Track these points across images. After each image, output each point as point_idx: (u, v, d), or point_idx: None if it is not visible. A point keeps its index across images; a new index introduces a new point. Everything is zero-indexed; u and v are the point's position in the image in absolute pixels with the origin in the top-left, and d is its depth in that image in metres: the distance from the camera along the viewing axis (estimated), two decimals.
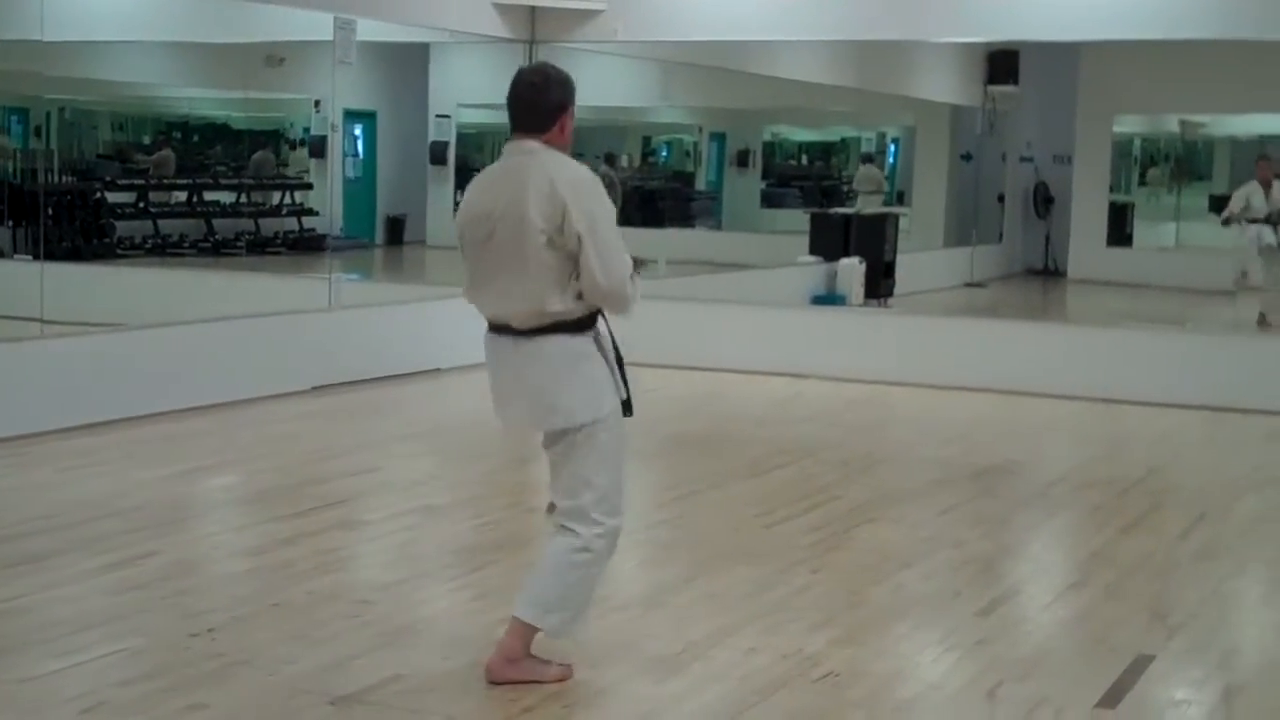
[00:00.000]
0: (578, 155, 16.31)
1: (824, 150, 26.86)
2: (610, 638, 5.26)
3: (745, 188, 23.73)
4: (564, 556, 4.76)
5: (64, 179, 17.35)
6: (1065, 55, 19.66)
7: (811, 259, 16.40)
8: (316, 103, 18.85)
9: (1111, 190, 21.49)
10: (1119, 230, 21.51)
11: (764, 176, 24.32)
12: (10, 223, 15.54)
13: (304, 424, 9.53)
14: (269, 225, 19.32)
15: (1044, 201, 21.17)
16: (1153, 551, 6.89)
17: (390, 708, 4.57)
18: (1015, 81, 18.99)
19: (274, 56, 18.62)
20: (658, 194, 23.63)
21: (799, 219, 19.16)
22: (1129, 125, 22.45)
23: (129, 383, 9.34)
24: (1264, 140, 23.79)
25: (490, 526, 7.05)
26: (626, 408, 5.03)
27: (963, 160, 20.97)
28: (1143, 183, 24.24)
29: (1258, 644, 5.78)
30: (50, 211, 15.12)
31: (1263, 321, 13.84)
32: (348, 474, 8.01)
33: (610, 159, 21.94)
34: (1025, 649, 5.45)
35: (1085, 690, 4.92)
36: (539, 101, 4.85)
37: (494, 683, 4.72)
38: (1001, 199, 21.28)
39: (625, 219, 19.30)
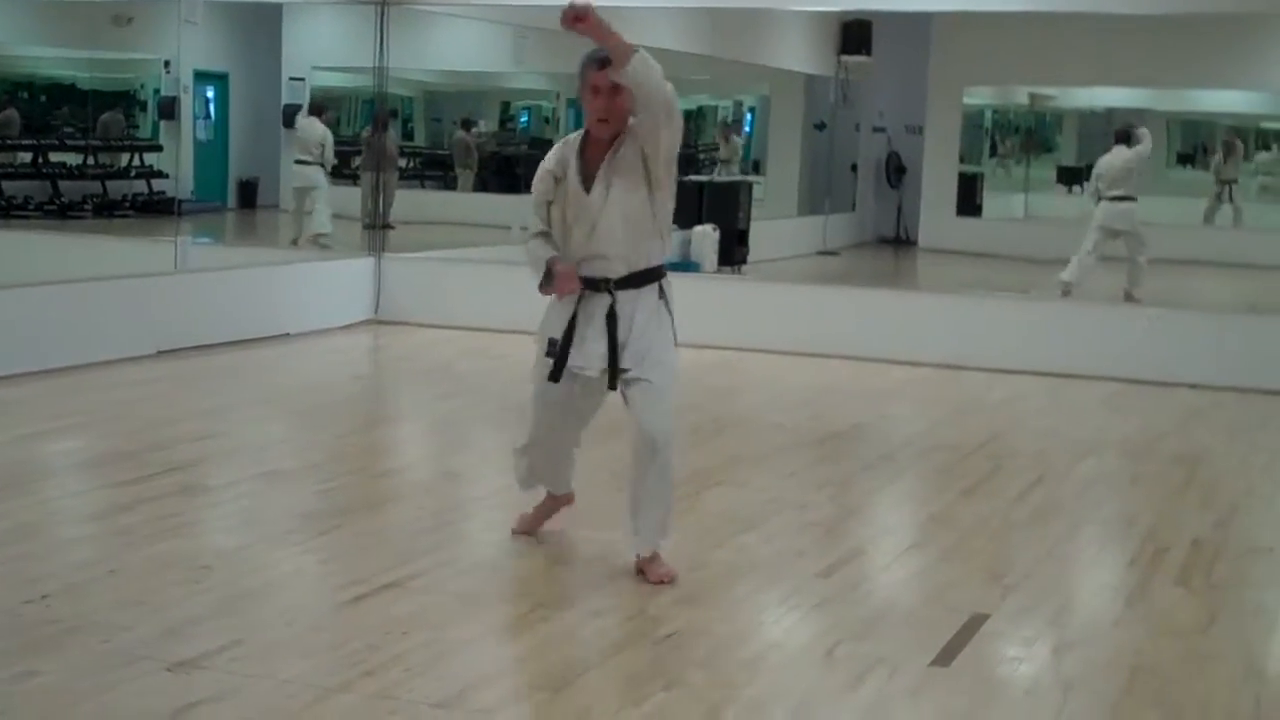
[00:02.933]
0: (435, 121, 16.24)
1: (683, 117, 26.88)
2: (455, 601, 5.27)
3: None
4: None
5: None
6: (917, 26, 19.90)
7: None
8: (166, 63, 18.53)
9: (962, 161, 21.82)
10: (969, 200, 21.86)
11: None
12: None
13: (148, 388, 9.39)
14: (117, 188, 18.99)
15: (896, 171, 21.44)
16: (991, 514, 7.04)
17: (228, 673, 4.53)
18: (868, 52, 19.19)
19: (121, 16, 18.27)
20: (515, 160, 23.53)
21: None
22: (979, 97, 22.80)
23: None
24: (1111, 113, 24.30)
25: (335, 491, 7.00)
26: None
27: (816, 129, 21.16)
28: (993, 154, 24.64)
29: (1087, 603, 5.93)
30: None
31: (1129, 298, 14.14)
32: (191, 439, 7.91)
33: (467, 124, 21.83)
34: (864, 609, 5.55)
35: (921, 649, 5.02)
36: None
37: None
38: (854, 168, 21.51)
39: (482, 185, 19.37)
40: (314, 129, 16.44)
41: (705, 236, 16.00)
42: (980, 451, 8.48)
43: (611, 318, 5.57)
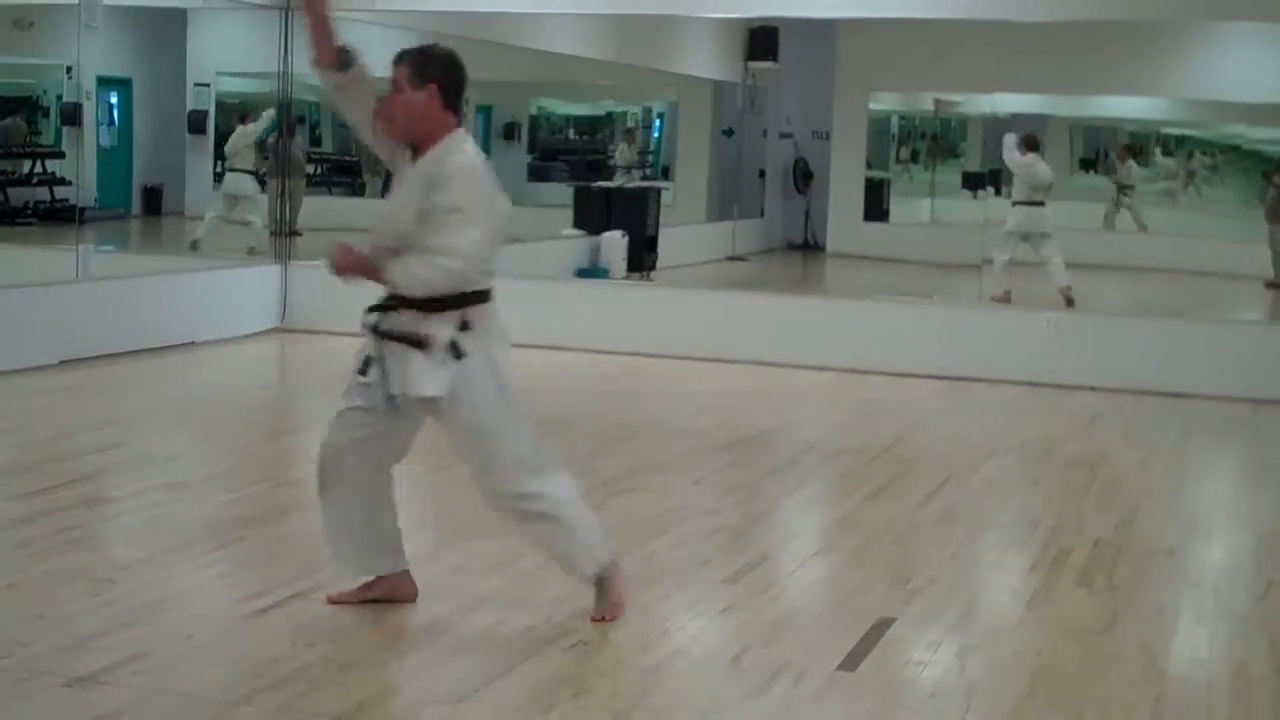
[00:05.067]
0: (342, 127, 16.08)
1: (590, 124, 26.93)
2: (355, 612, 5.23)
3: (512, 161, 23.66)
4: None
5: None
6: (823, 33, 19.99)
7: (575, 232, 16.46)
8: (68, 69, 18.27)
9: (869, 166, 21.94)
10: (876, 205, 21.97)
11: (530, 150, 24.29)
12: None
13: (48, 399, 9.26)
14: (19, 195, 18.68)
15: (803, 177, 21.52)
16: (896, 517, 7.09)
17: (129, 687, 4.47)
18: (775, 58, 19.26)
19: (22, 20, 18.00)
20: None
21: (565, 193, 19.19)
22: (886, 103, 22.95)
23: None
24: (1015, 118, 24.56)
25: (240, 502, 6.94)
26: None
27: (724, 135, 21.20)
28: (899, 159, 24.82)
29: (991, 606, 5.99)
30: None
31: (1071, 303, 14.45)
32: (92, 450, 7.81)
33: None
34: (770, 614, 5.57)
35: (827, 654, 5.05)
36: None
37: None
38: (763, 174, 21.58)
39: (386, 190, 19.02)
40: (245, 136, 16.35)
41: (614, 243, 16.02)
42: (885, 455, 8.54)
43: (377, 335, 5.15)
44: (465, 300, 5.02)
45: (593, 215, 16.62)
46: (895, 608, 5.61)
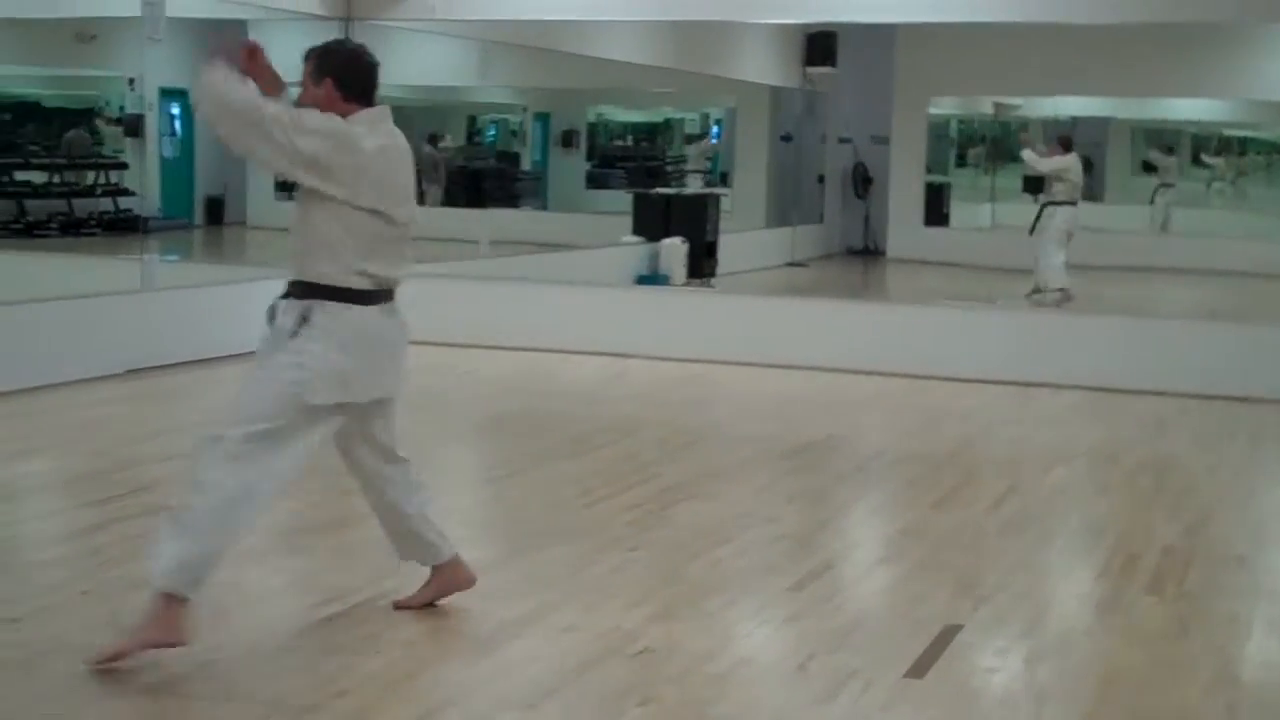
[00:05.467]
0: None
1: (648, 131, 26.96)
2: (425, 619, 5.25)
3: (570, 168, 23.75)
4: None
5: None
6: (882, 37, 19.95)
7: (635, 239, 16.48)
8: (131, 80, 18.44)
9: (929, 171, 21.87)
10: (936, 210, 21.92)
11: (589, 157, 24.36)
12: None
13: (116, 408, 9.34)
14: (83, 206, 18.89)
15: (863, 182, 21.47)
16: (963, 524, 7.05)
17: (199, 694, 4.51)
18: (833, 63, 19.22)
19: (85, 33, 18.18)
20: (483, 174, 23.55)
21: (624, 199, 19.22)
22: (945, 107, 22.88)
23: None
24: (1075, 121, 24.42)
25: (306, 510, 6.95)
26: None
27: (783, 141, 21.18)
28: (960, 164, 24.73)
29: (1060, 613, 5.94)
30: None
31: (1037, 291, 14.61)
32: (159, 458, 7.87)
33: (434, 139, 21.80)
34: (836, 622, 5.54)
35: (894, 661, 5.02)
36: None
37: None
38: (821, 179, 21.54)
39: (449, 199, 19.32)
40: None
41: (674, 249, 16.03)
42: (951, 462, 8.50)
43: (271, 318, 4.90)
44: (313, 292, 4.77)
45: (652, 222, 16.63)
46: (962, 615, 5.58)
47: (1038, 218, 15.22)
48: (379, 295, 4.85)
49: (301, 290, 4.77)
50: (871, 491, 8.02)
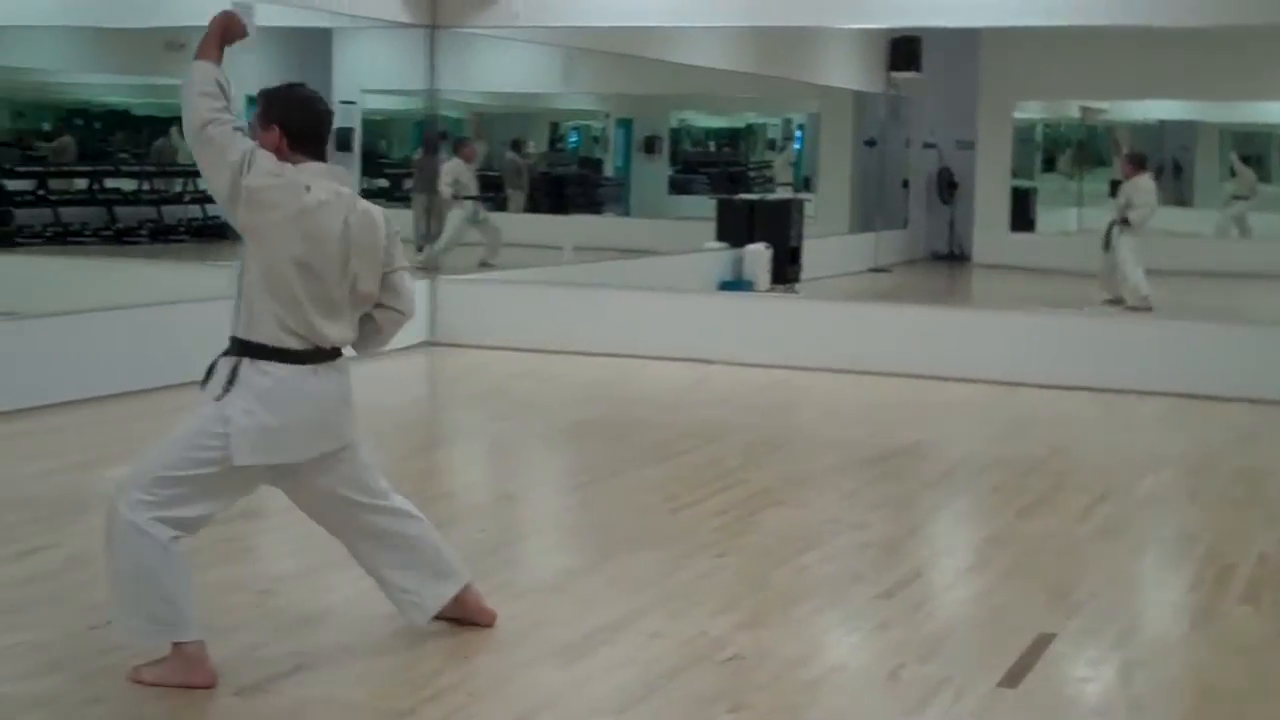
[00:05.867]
0: (478, 140, 16.16)
1: (731, 136, 26.95)
2: (514, 623, 5.26)
3: (653, 174, 23.78)
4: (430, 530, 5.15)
5: None
6: (967, 42, 19.84)
7: (718, 245, 16.47)
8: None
9: (1014, 175, 21.72)
10: (1022, 215, 21.77)
11: (671, 162, 24.40)
12: None
13: None
14: (172, 213, 19.11)
15: (947, 187, 21.35)
16: (1053, 532, 6.98)
17: (293, 697, 4.54)
18: (918, 68, 19.13)
19: (174, 41, 18.39)
20: (565, 180, 23.64)
21: (705, 205, 19.22)
22: (1030, 111, 22.72)
23: (24, 373, 9.19)
24: (1163, 125, 24.18)
25: None
26: None
27: (867, 146, 21.11)
28: (1046, 168, 24.54)
29: (1154, 622, 5.87)
30: None
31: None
32: None
33: (517, 145, 21.90)
34: (927, 630, 5.51)
35: (987, 670, 4.97)
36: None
37: None
38: (906, 184, 21.45)
39: (532, 205, 19.39)
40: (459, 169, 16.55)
41: (757, 255, 16.00)
42: (1039, 469, 8.42)
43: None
44: (245, 349, 4.65)
45: (736, 227, 16.61)
46: (1055, 624, 5.52)
47: (1108, 234, 15.13)
48: (312, 355, 4.67)
49: (235, 347, 4.66)
50: (959, 498, 7.96)
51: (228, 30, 4.77)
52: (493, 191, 21.44)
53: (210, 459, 4.61)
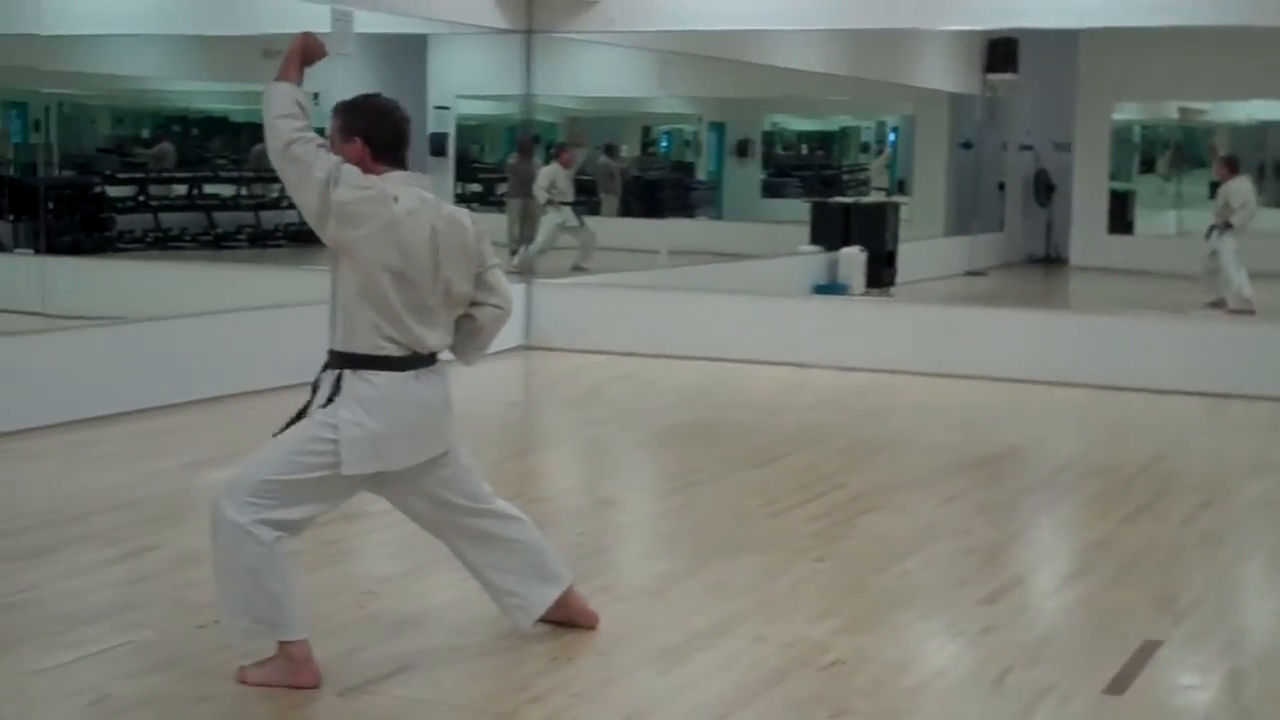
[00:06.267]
0: (577, 146, 16.15)
1: (824, 139, 26.83)
2: (614, 627, 5.26)
3: (745, 177, 23.71)
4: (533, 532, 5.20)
5: (64, 173, 17.34)
6: (1064, 43, 19.65)
7: (813, 248, 16.40)
8: (315, 95, 18.83)
9: (1112, 177, 21.48)
10: (1120, 217, 21.51)
11: (764, 166, 24.30)
12: (11, 217, 15.55)
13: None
14: (270, 218, 19.29)
15: (1045, 189, 21.15)
16: (1157, 538, 6.89)
17: (397, 698, 4.57)
18: (1014, 69, 18.96)
19: (271, 49, 18.58)
20: (658, 184, 23.62)
21: (799, 208, 19.14)
22: (1129, 112, 22.44)
23: (130, 376, 9.33)
24: (1265, 126, 23.80)
25: None
26: None
27: (962, 148, 20.95)
28: (1144, 170, 24.23)
29: (1262, 629, 5.78)
30: (50, 205, 15.11)
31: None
32: None
33: (610, 150, 21.92)
34: (1031, 636, 5.45)
35: (1092, 676, 4.92)
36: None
37: None
38: (1002, 187, 21.27)
39: (625, 209, 19.40)
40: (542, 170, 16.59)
41: (852, 258, 15.93)
42: (1142, 474, 8.31)
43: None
44: (345, 361, 4.69)
45: (830, 231, 16.54)
46: (1161, 631, 5.45)
47: (1209, 236, 14.96)
48: (412, 361, 4.71)
49: (336, 360, 4.70)
50: (1060, 504, 7.87)
51: (308, 51, 4.81)
52: (586, 196, 21.51)
53: (317, 464, 4.66)
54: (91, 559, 6.13)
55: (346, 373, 4.66)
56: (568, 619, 5.20)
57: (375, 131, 4.72)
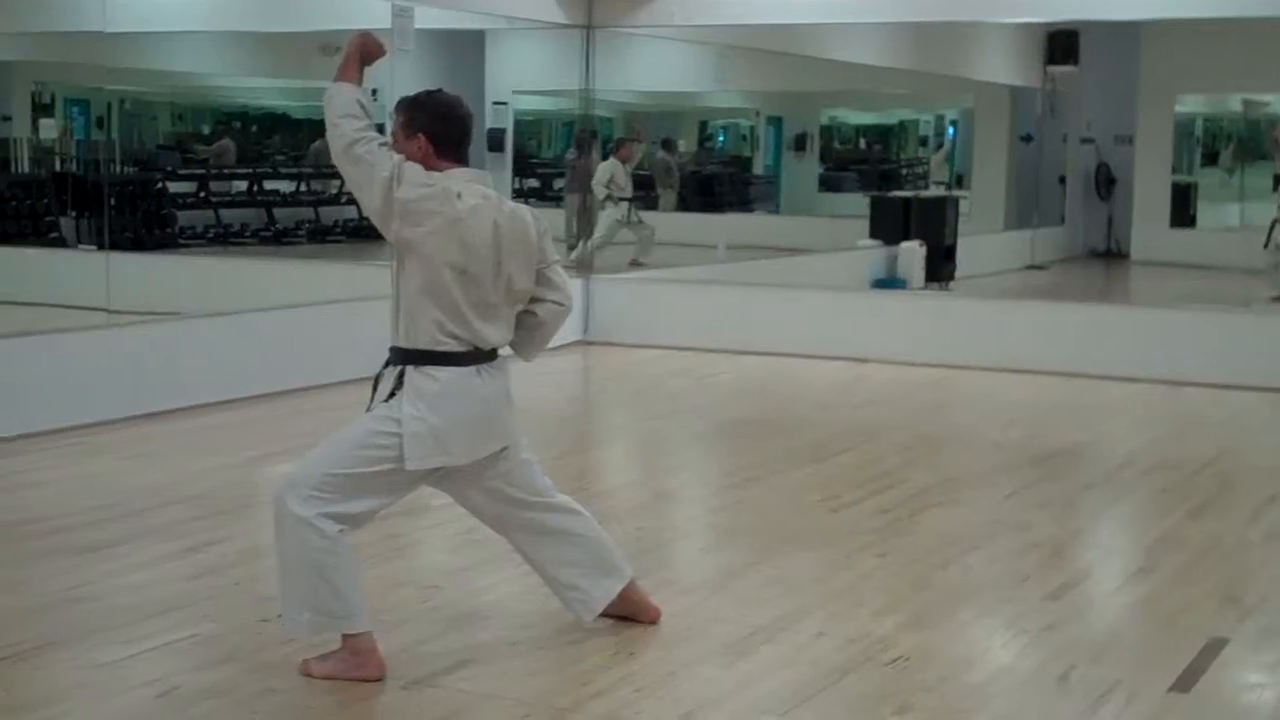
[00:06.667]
0: (635, 141, 16.07)
1: (882, 133, 26.72)
2: (676, 622, 5.26)
3: (803, 172, 23.64)
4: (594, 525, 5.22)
5: (125, 169, 17.47)
6: (1126, 35, 19.48)
7: (872, 243, 16.34)
8: (374, 91, 18.91)
9: (1174, 170, 21.29)
10: (1182, 211, 21.31)
11: (821, 160, 24.23)
12: (74, 213, 15.70)
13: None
14: (329, 213, 19.39)
15: (1106, 183, 20.98)
16: (1223, 534, 6.82)
17: (462, 691, 4.58)
18: (1075, 62, 18.82)
19: (329, 45, 18.67)
20: (715, 179, 23.59)
21: (857, 203, 19.07)
22: (1191, 105, 22.22)
23: (192, 372, 9.39)
24: None
25: None
26: None
27: (1023, 142, 20.82)
28: (1206, 163, 23.99)
29: None
30: (113, 202, 15.23)
31: None
32: None
33: (668, 144, 21.90)
34: (1096, 633, 5.42)
35: (1158, 674, 4.87)
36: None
37: None
38: (1063, 180, 21.11)
39: (683, 204, 19.39)
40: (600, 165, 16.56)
41: (912, 253, 15.85)
42: (1207, 470, 8.23)
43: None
44: (407, 357, 4.72)
45: (889, 225, 16.47)
46: (1227, 628, 5.39)
47: (1271, 230, 14.79)
48: (473, 356, 4.72)
49: (398, 356, 4.73)
50: (1124, 500, 7.80)
51: (366, 50, 4.82)
52: (643, 191, 21.50)
53: (380, 458, 4.68)
54: (154, 553, 6.17)
55: (409, 369, 4.68)
56: (629, 614, 5.20)
57: (438, 127, 4.73)
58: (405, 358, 4.71)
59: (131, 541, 6.32)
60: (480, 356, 4.75)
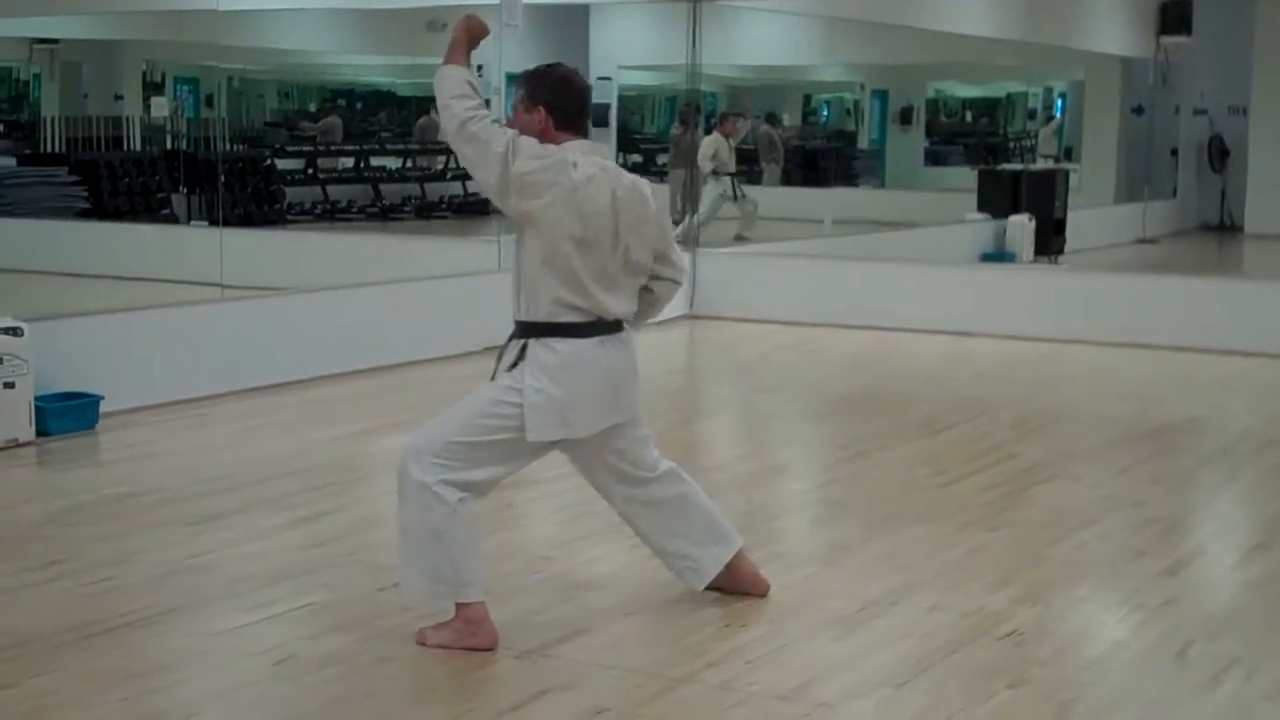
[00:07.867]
0: (738, 115, 16.06)
1: (988, 106, 26.44)
2: (788, 595, 5.25)
3: (908, 145, 23.47)
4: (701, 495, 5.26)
5: (235, 147, 17.70)
6: (1240, 4, 19.14)
7: (980, 216, 16.19)
8: (479, 67, 18.98)
9: None
10: None
11: (927, 134, 24.03)
12: (185, 190, 15.93)
13: (476, 384, 9.57)
14: (434, 190, 19.53)
15: (1219, 155, 20.65)
16: None
17: (576, 661, 4.60)
18: (1188, 32, 18.52)
19: (435, 21, 18.77)
20: (820, 153, 23.46)
21: (962, 176, 18.91)
22: None
23: (302, 345, 9.50)
24: None
25: None
26: None
27: (1134, 113, 20.54)
28: None
29: None
30: (223, 179, 15.44)
31: None
32: None
33: (772, 118, 21.83)
34: (1214, 609, 5.35)
35: (1278, 651, 4.80)
36: None
37: None
38: (1175, 153, 20.81)
39: (787, 178, 19.37)
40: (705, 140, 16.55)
41: (1021, 226, 15.70)
42: None
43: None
44: (529, 330, 4.74)
45: (998, 198, 16.32)
46: None
47: None
48: (596, 327, 4.73)
49: (521, 330, 4.75)
50: (1241, 475, 7.68)
51: (472, 32, 4.83)
52: (747, 165, 21.43)
53: (501, 427, 4.72)
54: (268, 523, 6.25)
55: (531, 341, 4.70)
56: (739, 586, 5.20)
57: (558, 100, 4.74)
58: (527, 331, 4.74)
59: (248, 511, 6.41)
60: (603, 328, 4.76)
